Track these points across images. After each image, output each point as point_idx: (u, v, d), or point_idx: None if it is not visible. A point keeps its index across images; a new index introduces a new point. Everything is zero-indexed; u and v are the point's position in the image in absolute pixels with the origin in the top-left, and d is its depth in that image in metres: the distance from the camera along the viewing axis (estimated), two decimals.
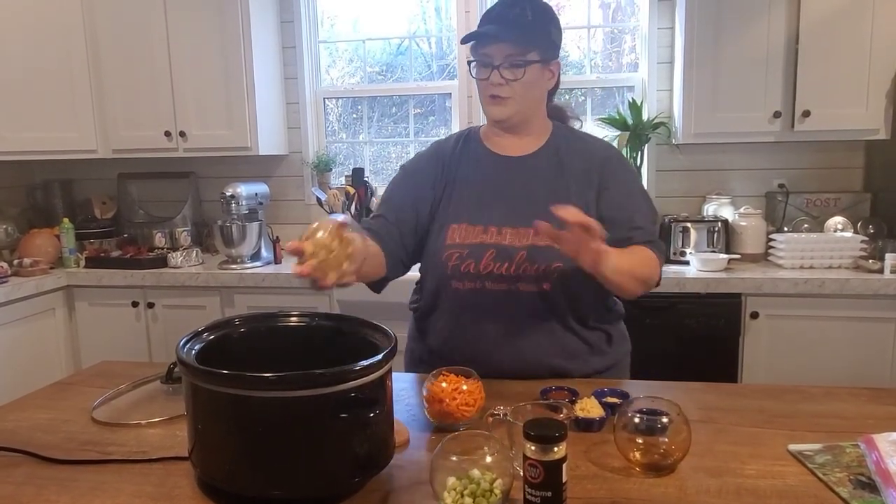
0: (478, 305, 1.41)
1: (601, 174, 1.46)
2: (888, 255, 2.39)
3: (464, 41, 1.42)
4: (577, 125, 1.59)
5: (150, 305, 2.85)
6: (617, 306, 1.55)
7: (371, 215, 1.54)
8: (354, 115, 3.44)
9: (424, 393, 1.20)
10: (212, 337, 1.09)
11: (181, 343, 1.03)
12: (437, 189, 1.49)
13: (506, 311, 1.40)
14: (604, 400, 1.24)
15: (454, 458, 0.92)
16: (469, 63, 1.44)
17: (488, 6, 3.10)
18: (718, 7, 2.59)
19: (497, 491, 0.89)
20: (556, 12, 1.49)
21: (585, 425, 1.16)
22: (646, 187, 2.97)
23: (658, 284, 1.44)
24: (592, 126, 3.10)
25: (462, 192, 1.47)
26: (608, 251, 1.22)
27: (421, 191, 1.49)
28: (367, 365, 0.94)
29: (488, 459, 0.92)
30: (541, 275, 1.39)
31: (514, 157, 1.49)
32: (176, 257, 2.90)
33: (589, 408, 1.18)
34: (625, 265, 1.29)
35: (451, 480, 0.90)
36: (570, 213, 1.15)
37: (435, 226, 1.47)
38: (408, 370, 1.57)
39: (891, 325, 2.35)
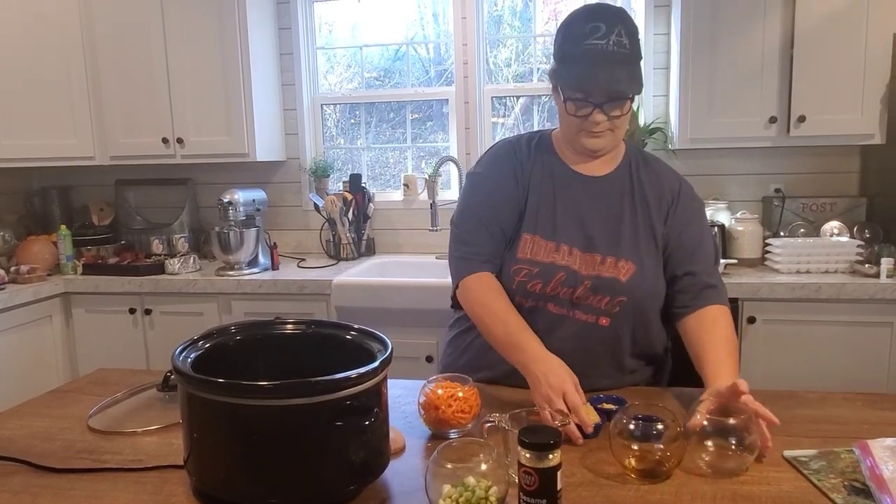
0: (533, 324, 1.38)
1: (672, 209, 1.44)
2: (884, 260, 2.39)
3: (577, 88, 1.33)
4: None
5: (148, 312, 2.84)
6: (667, 345, 1.51)
7: (463, 226, 1.47)
8: (352, 121, 3.45)
9: (420, 400, 1.20)
10: (208, 345, 1.09)
11: (177, 351, 1.03)
12: (520, 192, 1.44)
13: (558, 334, 1.38)
14: (600, 406, 1.25)
15: (449, 466, 0.92)
16: (564, 100, 1.35)
17: (486, 12, 3.14)
18: (714, 13, 2.60)
19: (492, 498, 0.89)
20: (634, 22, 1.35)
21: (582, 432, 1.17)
22: None
23: None
24: None
25: (536, 202, 1.43)
26: (740, 383, 1.12)
27: (507, 195, 1.44)
28: (363, 373, 0.94)
29: (483, 467, 0.92)
30: (601, 309, 1.38)
31: (589, 175, 1.45)
32: (173, 264, 2.89)
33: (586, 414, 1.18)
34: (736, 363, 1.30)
35: (447, 488, 0.91)
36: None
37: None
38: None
39: (887, 330, 2.35)
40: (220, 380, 0.92)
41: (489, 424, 1.10)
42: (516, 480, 0.91)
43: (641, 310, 1.40)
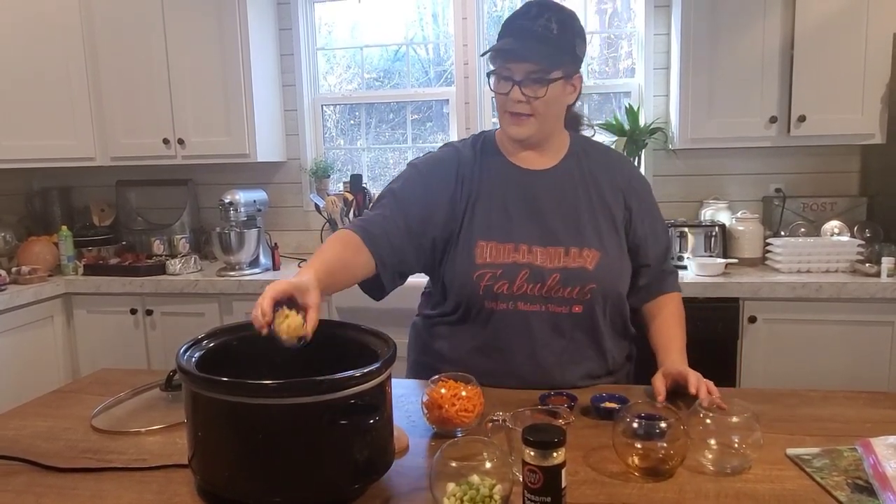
0: (508, 325, 1.39)
1: (628, 195, 1.47)
2: (884, 259, 2.40)
3: (485, 55, 1.38)
4: (589, 133, 1.58)
5: (149, 313, 2.85)
6: (631, 328, 1.55)
7: (374, 206, 1.44)
8: (352, 122, 3.45)
9: (424, 399, 1.20)
10: (211, 344, 1.09)
11: (181, 351, 1.03)
12: (457, 202, 1.42)
13: (535, 331, 1.39)
14: (602, 405, 1.25)
15: (454, 464, 0.92)
16: (488, 75, 1.40)
17: (486, 12, 3.14)
18: (714, 13, 2.60)
19: (496, 497, 0.89)
20: (580, 21, 1.41)
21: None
22: None
23: None
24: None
25: (486, 206, 1.42)
26: (684, 366, 1.36)
27: (437, 199, 1.42)
28: (367, 371, 0.94)
29: (488, 465, 0.92)
30: (574, 298, 1.38)
31: (537, 170, 1.45)
32: (174, 264, 2.90)
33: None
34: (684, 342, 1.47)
35: (451, 486, 0.91)
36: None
37: (460, 241, 1.41)
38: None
39: (888, 329, 2.35)
40: (225, 379, 0.92)
41: (493, 423, 1.10)
42: (520, 479, 0.91)
43: (612, 292, 1.42)
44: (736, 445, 1.04)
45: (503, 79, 1.36)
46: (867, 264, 2.46)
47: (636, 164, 2.89)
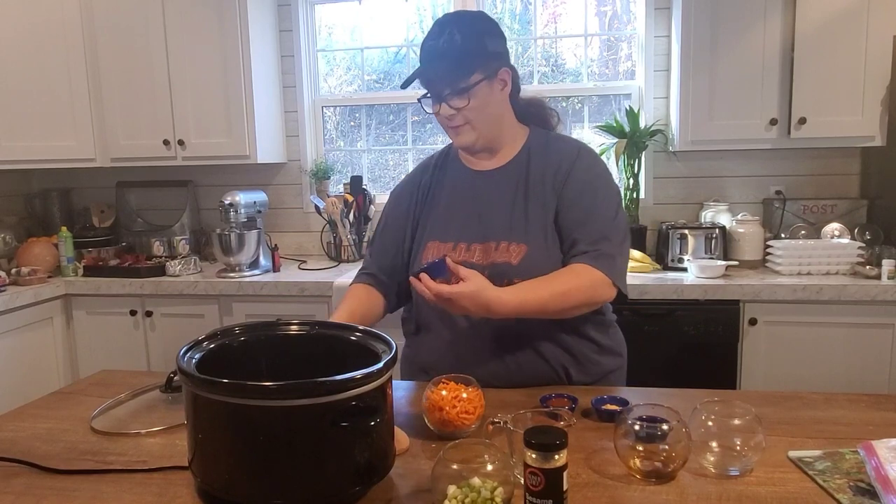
0: (456, 327, 1.43)
1: (564, 176, 1.43)
2: (885, 261, 2.40)
3: (403, 87, 1.46)
4: (560, 129, 1.57)
5: (149, 314, 2.84)
6: (606, 313, 1.53)
7: (369, 246, 1.59)
8: (352, 123, 3.45)
9: (424, 401, 1.20)
10: (212, 346, 1.09)
11: (181, 352, 1.03)
12: (417, 210, 1.54)
13: (481, 330, 1.41)
14: (603, 407, 1.25)
15: (455, 467, 0.92)
16: (419, 100, 1.44)
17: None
18: (714, 15, 2.61)
19: (498, 499, 0.89)
20: (490, 18, 1.44)
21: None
22: (643, 194, 2.99)
23: (620, 296, 1.40)
24: (590, 133, 3.11)
25: (436, 209, 1.52)
26: (497, 298, 1.26)
27: (406, 217, 1.55)
28: (368, 373, 0.94)
29: (489, 468, 0.92)
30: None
31: (483, 171, 1.50)
32: (174, 266, 2.89)
33: None
34: (532, 300, 1.30)
35: (452, 489, 0.90)
36: (422, 287, 1.25)
37: (415, 247, 1.52)
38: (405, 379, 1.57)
39: (888, 331, 2.35)
40: (225, 380, 0.92)
41: (494, 425, 1.10)
42: (522, 481, 0.91)
43: None
44: (738, 448, 1.04)
45: (432, 99, 1.42)
46: (867, 267, 2.46)
47: (637, 166, 2.89)
